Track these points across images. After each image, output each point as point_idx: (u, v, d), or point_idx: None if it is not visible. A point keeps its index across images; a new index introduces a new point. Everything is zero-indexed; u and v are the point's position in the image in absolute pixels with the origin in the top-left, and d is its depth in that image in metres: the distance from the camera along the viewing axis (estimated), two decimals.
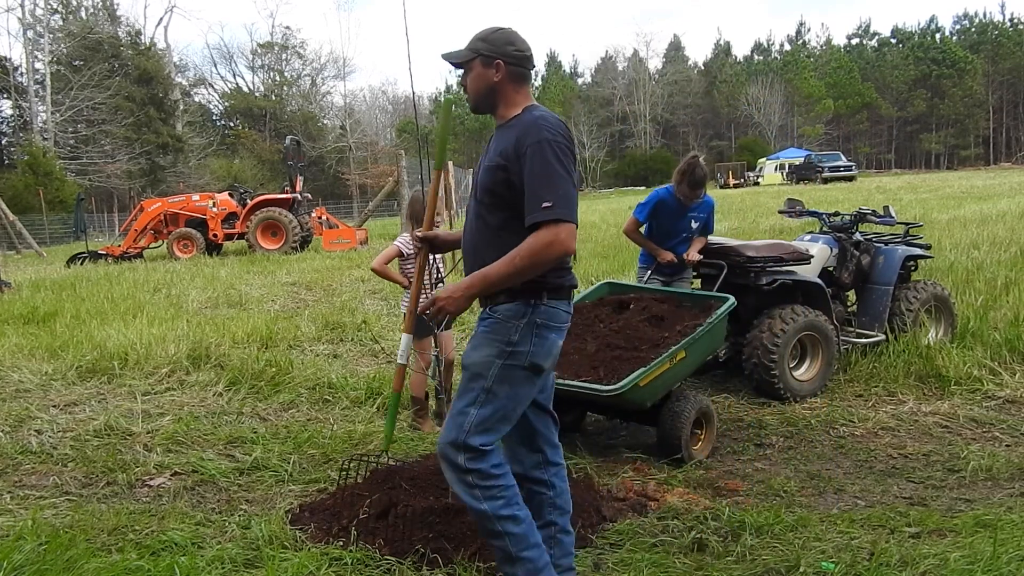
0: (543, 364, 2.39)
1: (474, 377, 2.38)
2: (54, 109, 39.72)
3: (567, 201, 2.24)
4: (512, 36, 2.46)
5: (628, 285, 4.86)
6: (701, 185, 4.88)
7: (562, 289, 2.40)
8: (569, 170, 2.29)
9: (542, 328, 2.36)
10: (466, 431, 2.35)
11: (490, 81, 2.41)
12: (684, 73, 76.15)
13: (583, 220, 12.73)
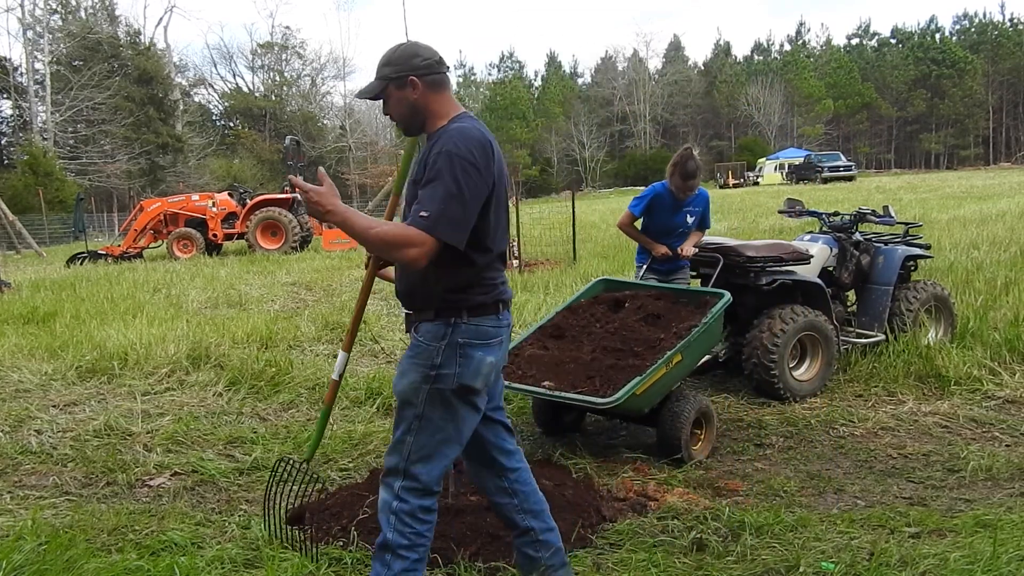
0: (473, 384, 2.29)
1: (404, 405, 2.32)
2: (54, 109, 39.74)
3: (447, 220, 2.12)
4: (414, 48, 2.36)
5: (623, 282, 4.85)
6: (693, 176, 4.81)
7: (485, 306, 2.32)
8: (464, 188, 2.15)
9: (466, 347, 2.28)
10: (407, 459, 2.30)
11: (410, 101, 2.33)
12: (684, 73, 76.14)
13: (583, 220, 12.74)
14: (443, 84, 2.36)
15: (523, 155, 61.49)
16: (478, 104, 70.51)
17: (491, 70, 78.12)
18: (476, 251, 2.26)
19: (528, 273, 10.14)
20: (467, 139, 2.21)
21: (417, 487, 2.30)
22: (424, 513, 2.32)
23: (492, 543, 2.90)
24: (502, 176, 2.32)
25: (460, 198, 2.15)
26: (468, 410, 2.33)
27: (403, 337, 6.90)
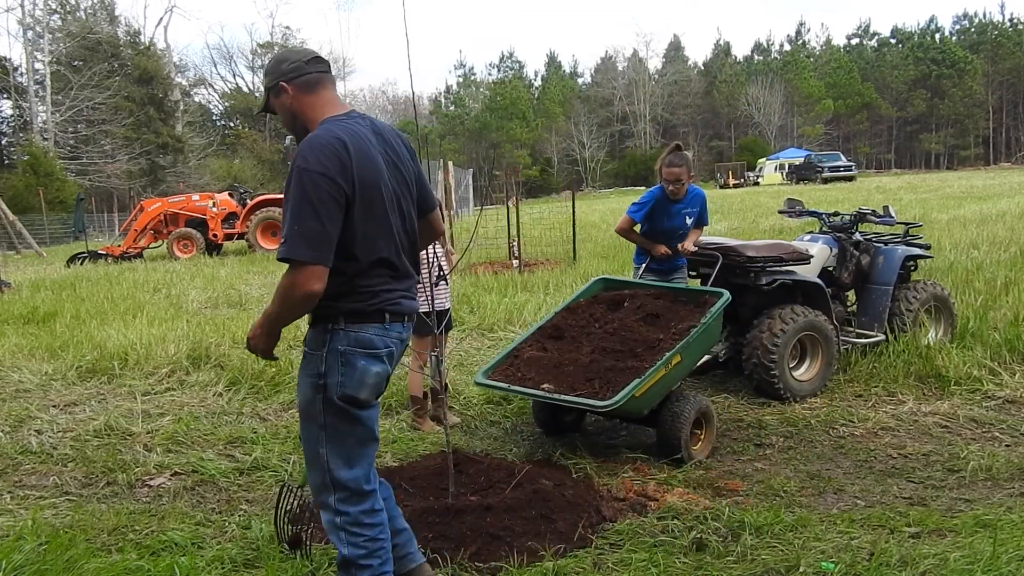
0: (357, 395, 2.22)
1: (306, 419, 2.28)
2: (54, 109, 39.74)
3: (303, 239, 2.06)
4: (284, 53, 2.38)
5: (623, 281, 4.84)
6: (679, 165, 4.84)
7: (365, 314, 2.23)
8: (315, 202, 2.07)
9: (347, 355, 2.20)
10: (329, 469, 2.25)
11: (287, 107, 2.32)
12: (684, 73, 76.14)
13: (583, 220, 12.73)
14: (315, 83, 2.31)
15: (523, 155, 61.51)
16: (478, 104, 70.56)
17: (491, 70, 78.10)
18: (341, 259, 2.17)
19: (528, 273, 10.13)
20: (314, 148, 2.14)
21: (349, 494, 2.27)
22: (368, 516, 2.29)
23: (492, 543, 2.90)
24: (376, 179, 2.22)
25: (313, 214, 2.08)
26: (358, 422, 2.27)
27: None
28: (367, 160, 2.21)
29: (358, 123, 2.27)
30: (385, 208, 2.25)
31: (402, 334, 2.33)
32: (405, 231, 2.34)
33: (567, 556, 2.88)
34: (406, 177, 2.36)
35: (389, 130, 2.38)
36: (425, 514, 3.03)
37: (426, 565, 2.57)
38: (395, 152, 2.33)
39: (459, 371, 5.70)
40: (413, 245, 2.40)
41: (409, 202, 2.37)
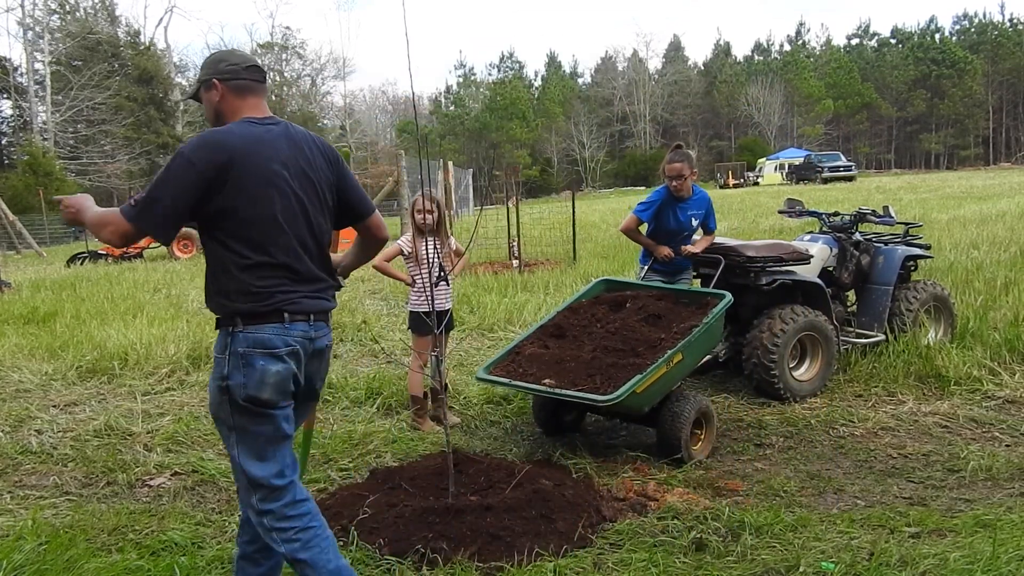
0: (260, 395, 2.23)
1: (217, 422, 2.33)
2: (54, 109, 39.74)
3: (146, 208, 2.17)
4: (225, 54, 2.45)
5: (625, 282, 4.86)
6: (679, 160, 4.89)
7: (262, 315, 2.25)
8: (171, 181, 2.17)
9: (247, 356, 2.23)
10: (244, 470, 2.28)
11: (213, 103, 2.39)
12: (684, 73, 76.17)
13: (583, 220, 12.73)
14: (244, 90, 2.38)
15: (523, 155, 61.52)
16: (478, 104, 70.57)
17: (491, 70, 78.15)
18: (230, 256, 2.25)
19: (528, 273, 10.14)
20: (202, 139, 2.24)
21: (267, 492, 2.28)
22: (291, 508, 2.31)
23: (492, 543, 2.90)
24: (268, 180, 2.25)
25: (165, 191, 2.18)
26: (269, 422, 2.28)
27: (403, 337, 6.90)
28: (259, 161, 2.26)
29: (269, 128, 2.33)
30: (277, 210, 2.27)
31: (308, 332, 2.33)
32: (312, 235, 2.36)
33: (567, 556, 2.88)
34: (315, 183, 2.37)
35: (306, 138, 2.41)
36: (425, 514, 3.03)
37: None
38: (307, 159, 2.36)
39: (459, 371, 5.70)
40: (322, 249, 2.41)
41: (318, 208, 2.38)
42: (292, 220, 2.31)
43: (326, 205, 2.42)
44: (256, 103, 2.40)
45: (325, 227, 2.43)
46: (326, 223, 2.44)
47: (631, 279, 5.15)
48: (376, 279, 11.00)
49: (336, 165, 2.46)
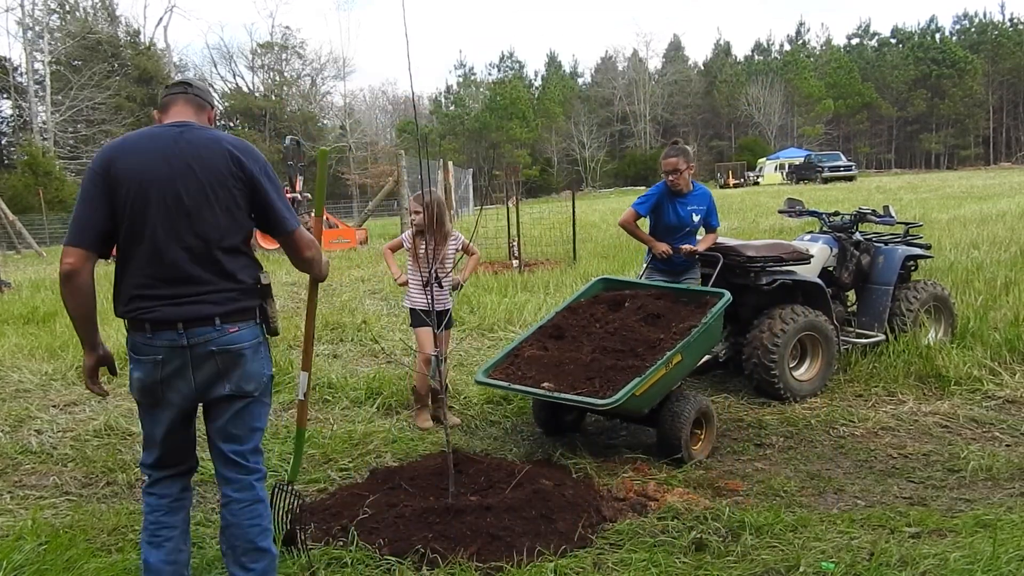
0: (134, 395, 2.44)
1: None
2: (54, 109, 39.73)
3: (72, 224, 2.31)
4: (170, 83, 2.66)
5: (623, 281, 4.84)
6: (675, 156, 4.86)
7: (130, 321, 2.35)
8: (83, 195, 2.31)
9: (130, 358, 2.41)
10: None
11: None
12: (684, 73, 76.15)
13: (583, 220, 12.74)
14: (166, 104, 2.53)
15: (523, 155, 61.51)
16: (478, 104, 70.58)
17: (491, 70, 78.14)
18: (117, 265, 2.39)
19: (528, 273, 10.13)
20: (101, 149, 2.39)
21: (146, 479, 2.53)
22: (147, 496, 2.52)
23: (492, 543, 2.90)
24: (147, 181, 2.29)
25: (81, 203, 2.31)
26: (151, 417, 2.44)
27: (403, 337, 6.90)
28: (143, 162, 2.31)
29: (166, 130, 2.39)
30: (149, 212, 2.29)
31: (179, 340, 2.31)
32: (197, 237, 2.32)
33: (567, 556, 2.87)
34: (205, 187, 2.33)
35: (207, 141, 2.39)
36: (425, 514, 3.03)
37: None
38: (201, 162, 2.34)
39: (459, 371, 5.70)
40: (208, 252, 2.34)
41: (207, 209, 2.33)
42: (164, 221, 2.30)
43: (221, 206, 2.34)
44: (176, 111, 2.50)
45: (217, 228, 2.34)
46: (222, 224, 2.35)
47: (630, 278, 5.14)
48: (376, 279, 11.00)
49: (246, 172, 2.38)
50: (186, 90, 2.54)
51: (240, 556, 2.48)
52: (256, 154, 2.44)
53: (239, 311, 2.39)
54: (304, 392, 2.91)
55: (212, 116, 2.62)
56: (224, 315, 2.35)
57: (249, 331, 2.41)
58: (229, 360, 2.37)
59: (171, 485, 2.52)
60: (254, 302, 2.44)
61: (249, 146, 2.46)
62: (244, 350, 2.39)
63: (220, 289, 2.35)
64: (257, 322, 2.46)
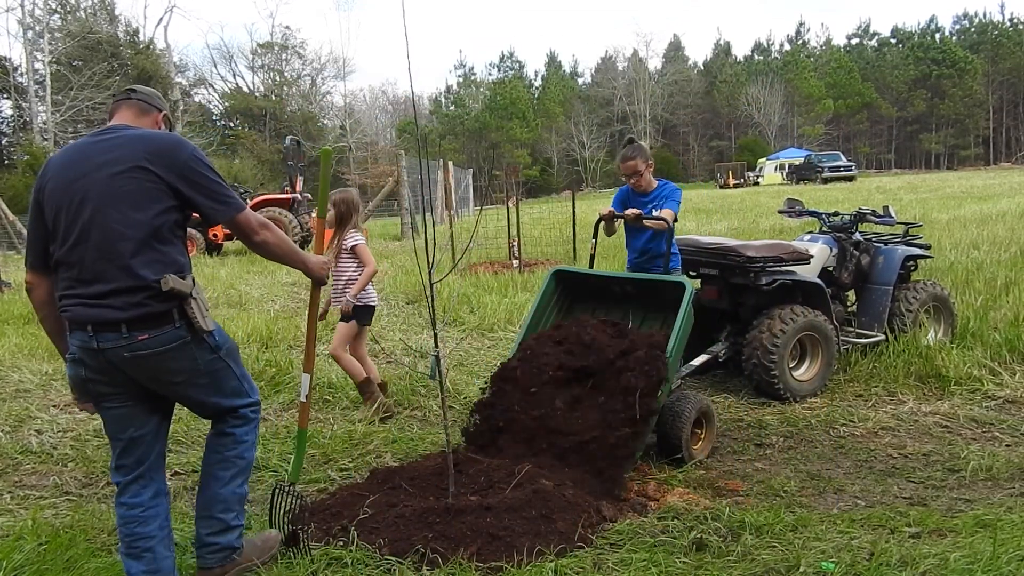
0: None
1: None
2: (54, 109, 39.72)
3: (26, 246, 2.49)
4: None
5: (576, 272, 4.67)
6: (632, 157, 4.54)
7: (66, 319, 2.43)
8: (29, 215, 2.48)
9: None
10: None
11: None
12: (684, 73, 76.14)
13: (583, 220, 12.74)
14: (111, 112, 2.63)
15: (523, 155, 61.54)
16: (478, 104, 70.58)
17: (491, 70, 78.16)
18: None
19: (528, 273, 10.13)
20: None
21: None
22: (118, 506, 2.54)
23: (492, 543, 2.90)
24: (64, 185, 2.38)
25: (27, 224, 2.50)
26: (98, 410, 2.53)
27: (403, 336, 6.90)
28: (61, 172, 2.41)
29: (89, 137, 2.48)
30: (62, 216, 2.38)
31: (90, 343, 2.32)
32: (102, 232, 2.33)
33: (567, 556, 2.87)
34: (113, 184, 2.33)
35: (124, 140, 2.41)
36: (425, 514, 3.03)
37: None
38: (112, 161, 2.36)
39: (459, 371, 5.70)
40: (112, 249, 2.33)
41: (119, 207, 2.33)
42: (76, 224, 2.34)
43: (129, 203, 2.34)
44: (118, 116, 2.60)
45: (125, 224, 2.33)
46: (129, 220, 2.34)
47: (583, 268, 4.90)
48: (376, 279, 10.99)
49: (159, 170, 2.37)
50: (129, 96, 2.63)
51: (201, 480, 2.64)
52: (171, 151, 2.40)
53: (148, 317, 2.33)
54: (306, 393, 2.91)
55: (159, 119, 2.66)
56: (130, 321, 2.31)
57: (165, 335, 2.36)
58: (147, 364, 2.37)
59: (139, 492, 2.52)
60: (166, 305, 2.36)
61: (166, 144, 2.42)
62: (160, 354, 2.37)
63: (126, 290, 2.31)
64: (176, 325, 2.38)
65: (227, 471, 2.60)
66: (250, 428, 2.66)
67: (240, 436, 2.63)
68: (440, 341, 3.29)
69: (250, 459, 2.67)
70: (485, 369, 5.82)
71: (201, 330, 2.42)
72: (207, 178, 2.45)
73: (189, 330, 2.41)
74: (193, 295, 2.40)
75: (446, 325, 7.29)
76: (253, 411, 2.68)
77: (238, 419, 2.65)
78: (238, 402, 2.64)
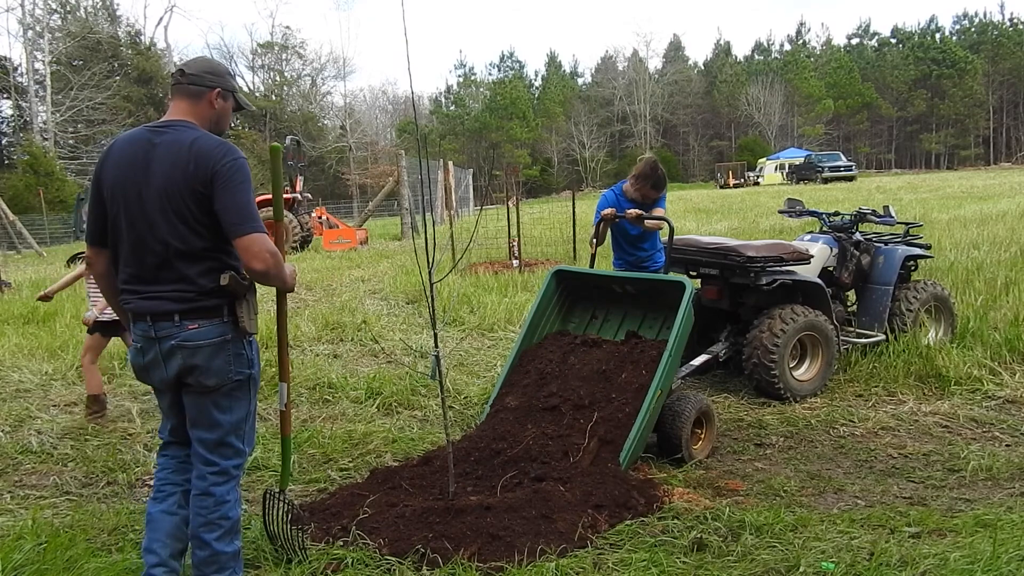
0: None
1: None
2: (54, 109, 39.71)
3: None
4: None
5: (577, 272, 4.72)
6: (662, 188, 4.81)
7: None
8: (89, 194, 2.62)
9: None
10: None
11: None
12: (684, 73, 76.11)
13: (583, 220, 12.73)
14: (169, 98, 2.61)
15: (523, 155, 61.53)
16: (478, 104, 70.56)
17: (491, 70, 78.15)
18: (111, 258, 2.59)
19: (528, 273, 10.13)
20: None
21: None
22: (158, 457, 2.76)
23: (492, 543, 2.90)
24: (123, 183, 2.44)
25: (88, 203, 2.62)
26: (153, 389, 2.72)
27: (403, 336, 6.90)
28: (121, 164, 2.46)
29: (144, 134, 2.49)
30: (121, 218, 2.46)
31: (149, 332, 2.47)
32: (158, 242, 2.43)
33: (567, 556, 2.87)
34: (163, 197, 2.40)
35: (174, 147, 2.42)
36: (425, 514, 3.03)
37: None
38: (162, 171, 2.40)
39: (459, 371, 5.70)
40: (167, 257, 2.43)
41: (163, 215, 2.41)
42: (132, 226, 2.45)
43: (177, 216, 2.41)
44: (172, 107, 2.57)
45: (175, 236, 2.41)
46: (179, 232, 2.41)
47: (583, 268, 5.00)
48: (376, 279, 11.00)
49: (200, 179, 2.39)
50: (179, 80, 2.56)
51: (191, 540, 2.60)
52: (211, 160, 2.39)
53: (199, 309, 2.46)
54: (285, 402, 2.89)
55: (214, 97, 2.57)
56: (183, 312, 2.45)
57: (211, 328, 2.46)
58: (189, 354, 2.46)
59: (180, 449, 2.68)
60: (217, 301, 2.47)
61: (209, 151, 2.40)
62: (204, 346, 2.46)
63: (179, 289, 2.46)
64: (224, 320, 2.48)
65: (213, 534, 2.54)
66: (230, 487, 2.59)
67: (221, 496, 2.56)
68: (440, 341, 3.29)
69: (236, 517, 2.59)
70: (485, 369, 5.83)
71: (242, 331, 2.51)
72: (237, 189, 2.42)
73: (234, 328, 2.50)
74: (247, 296, 2.53)
75: (446, 325, 7.29)
76: (236, 468, 2.62)
77: (219, 475, 2.56)
78: (234, 441, 2.59)
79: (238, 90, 2.70)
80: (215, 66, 2.63)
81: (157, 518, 2.59)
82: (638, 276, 4.44)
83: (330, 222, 20.41)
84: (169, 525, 2.59)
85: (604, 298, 4.60)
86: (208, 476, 2.56)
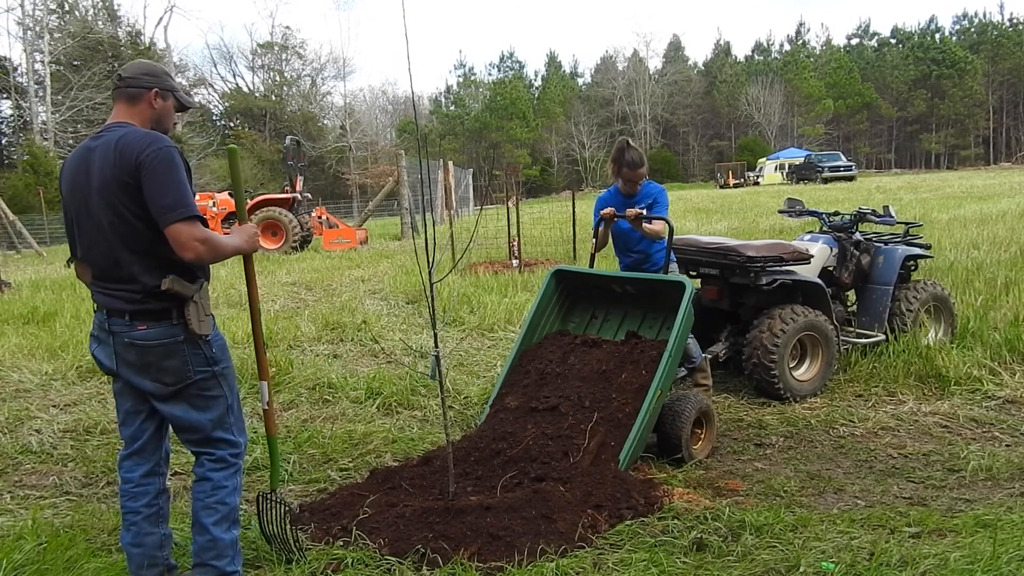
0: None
1: None
2: (54, 109, 39.71)
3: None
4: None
5: (578, 272, 4.68)
6: (638, 165, 4.49)
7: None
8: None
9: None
10: None
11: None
12: (684, 73, 76.13)
13: (583, 220, 12.74)
14: (114, 101, 2.63)
15: (523, 155, 61.53)
16: (478, 104, 70.56)
17: (491, 70, 78.15)
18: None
19: (528, 273, 10.13)
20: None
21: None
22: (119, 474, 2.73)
23: (492, 543, 2.90)
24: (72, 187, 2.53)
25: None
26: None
27: (403, 336, 6.90)
28: (70, 175, 2.53)
29: (87, 142, 2.54)
30: (74, 219, 2.55)
31: (104, 324, 2.55)
32: (106, 242, 2.49)
33: (567, 556, 2.87)
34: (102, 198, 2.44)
35: (105, 149, 2.44)
36: (425, 514, 3.03)
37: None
38: (98, 173, 2.44)
39: (459, 371, 5.70)
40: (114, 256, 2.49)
41: (105, 213, 2.45)
42: (85, 230, 2.53)
43: (113, 210, 2.44)
44: (115, 111, 2.60)
45: (114, 230, 2.45)
46: (116, 227, 2.45)
47: (583, 267, 4.93)
48: (376, 279, 11.00)
49: (127, 171, 2.39)
50: (118, 84, 2.59)
51: (192, 527, 2.65)
52: (135, 151, 2.39)
53: (146, 312, 2.48)
54: (267, 400, 2.90)
55: (152, 98, 2.58)
56: (132, 313, 2.49)
57: (161, 331, 2.48)
58: (142, 354, 2.50)
59: (133, 469, 2.67)
60: (164, 304, 2.48)
61: (133, 143, 2.41)
62: (154, 347, 2.49)
63: (128, 289, 2.49)
64: (174, 323, 2.49)
65: (210, 518, 2.58)
66: (229, 473, 2.62)
67: (218, 481, 2.59)
68: (440, 341, 3.29)
69: (233, 504, 2.62)
70: (485, 369, 5.82)
71: (195, 333, 2.49)
72: (162, 177, 2.38)
73: (184, 331, 2.50)
74: (195, 299, 2.50)
75: (446, 325, 7.28)
76: (233, 456, 2.64)
77: (217, 463, 2.61)
78: (222, 435, 2.61)
79: (178, 89, 2.71)
80: (152, 68, 2.66)
81: (127, 550, 2.68)
82: (638, 276, 4.43)
83: (330, 222, 20.39)
84: (138, 556, 2.66)
85: (604, 298, 4.60)
86: (205, 463, 2.63)
